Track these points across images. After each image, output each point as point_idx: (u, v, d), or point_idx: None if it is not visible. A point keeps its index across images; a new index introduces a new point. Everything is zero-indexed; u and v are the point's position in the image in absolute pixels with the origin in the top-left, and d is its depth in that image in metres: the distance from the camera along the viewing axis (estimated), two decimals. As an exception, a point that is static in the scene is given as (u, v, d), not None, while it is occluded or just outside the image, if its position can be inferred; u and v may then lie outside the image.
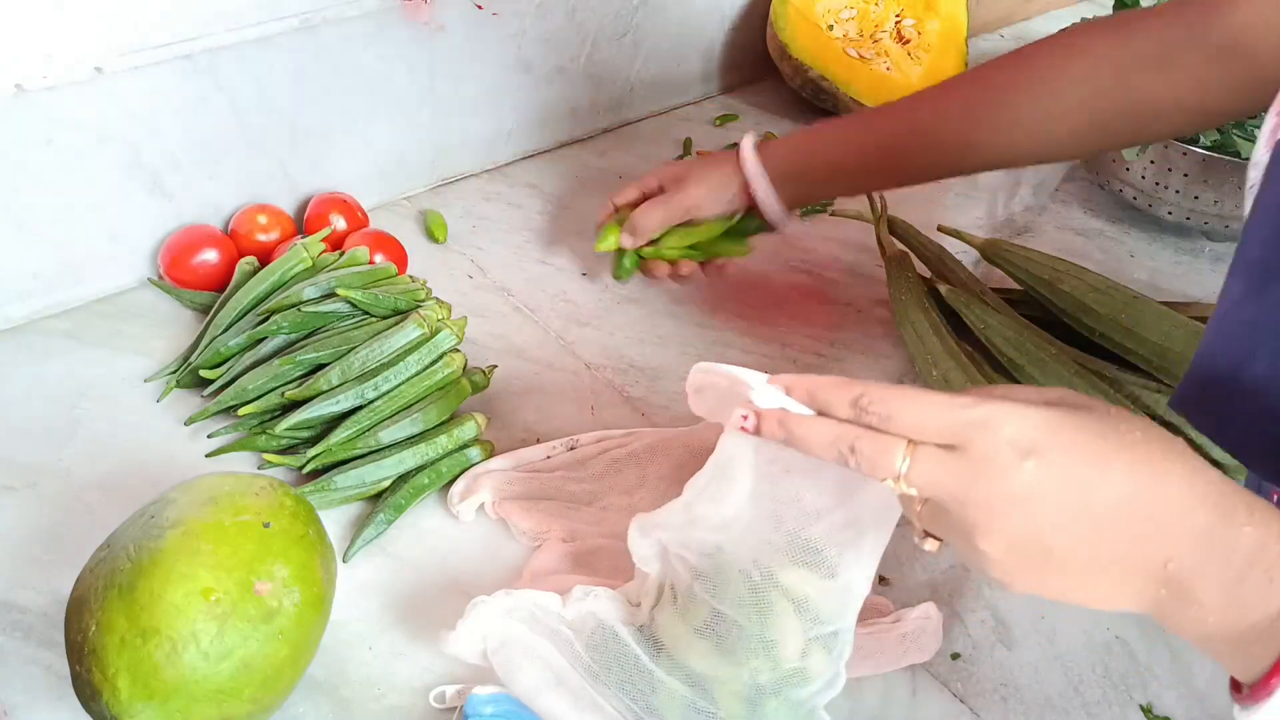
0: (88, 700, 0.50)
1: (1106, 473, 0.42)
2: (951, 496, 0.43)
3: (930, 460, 0.43)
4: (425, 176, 1.01)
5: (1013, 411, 0.42)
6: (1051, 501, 0.42)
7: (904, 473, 0.43)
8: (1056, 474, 0.41)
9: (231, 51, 0.82)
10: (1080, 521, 0.42)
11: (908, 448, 0.44)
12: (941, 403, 0.43)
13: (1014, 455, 0.42)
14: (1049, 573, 0.43)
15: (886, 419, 0.44)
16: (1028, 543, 0.42)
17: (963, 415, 0.43)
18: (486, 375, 0.77)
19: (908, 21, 1.15)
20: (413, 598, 0.65)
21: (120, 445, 0.73)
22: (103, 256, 0.84)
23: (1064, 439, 0.42)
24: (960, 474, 0.42)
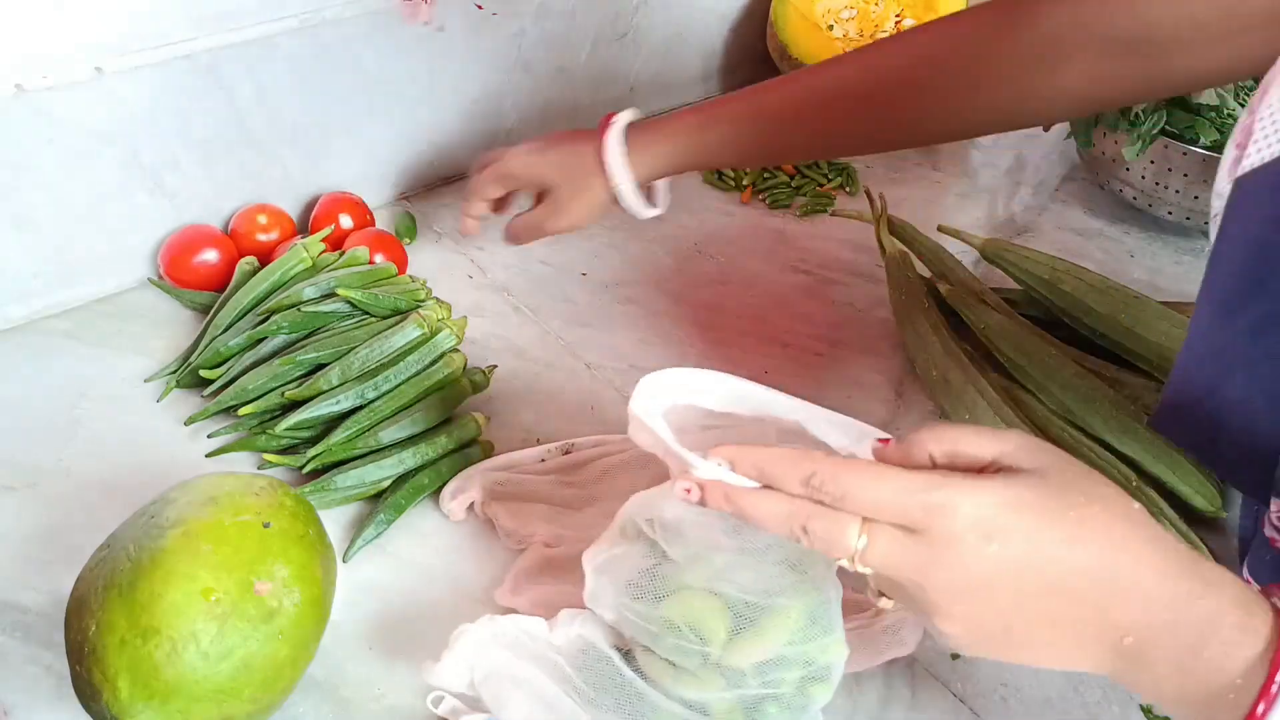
0: (88, 700, 0.50)
1: (1065, 552, 0.41)
2: (908, 579, 0.42)
3: (886, 542, 0.42)
4: (425, 176, 1.01)
5: (971, 494, 0.41)
6: (1011, 583, 0.41)
7: (860, 552, 0.43)
8: (1018, 557, 0.41)
9: (231, 51, 0.82)
10: (1039, 601, 0.42)
11: (863, 526, 0.43)
12: (897, 483, 0.42)
13: (975, 540, 0.41)
14: (1009, 647, 0.43)
15: (840, 499, 0.43)
16: (986, 623, 0.42)
17: (921, 498, 0.42)
18: (486, 375, 0.77)
19: (908, 21, 1.15)
20: (412, 598, 0.65)
21: (120, 445, 0.73)
22: (103, 256, 0.84)
23: (1023, 520, 0.41)
24: (918, 558, 0.42)
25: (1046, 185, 1.10)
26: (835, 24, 1.14)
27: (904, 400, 0.82)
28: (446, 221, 0.98)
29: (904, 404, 0.81)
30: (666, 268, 0.93)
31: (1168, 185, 0.97)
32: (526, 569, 0.65)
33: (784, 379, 0.83)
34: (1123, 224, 1.03)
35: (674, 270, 0.93)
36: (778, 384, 0.81)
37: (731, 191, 1.05)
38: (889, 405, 0.81)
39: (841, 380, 0.83)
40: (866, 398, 0.81)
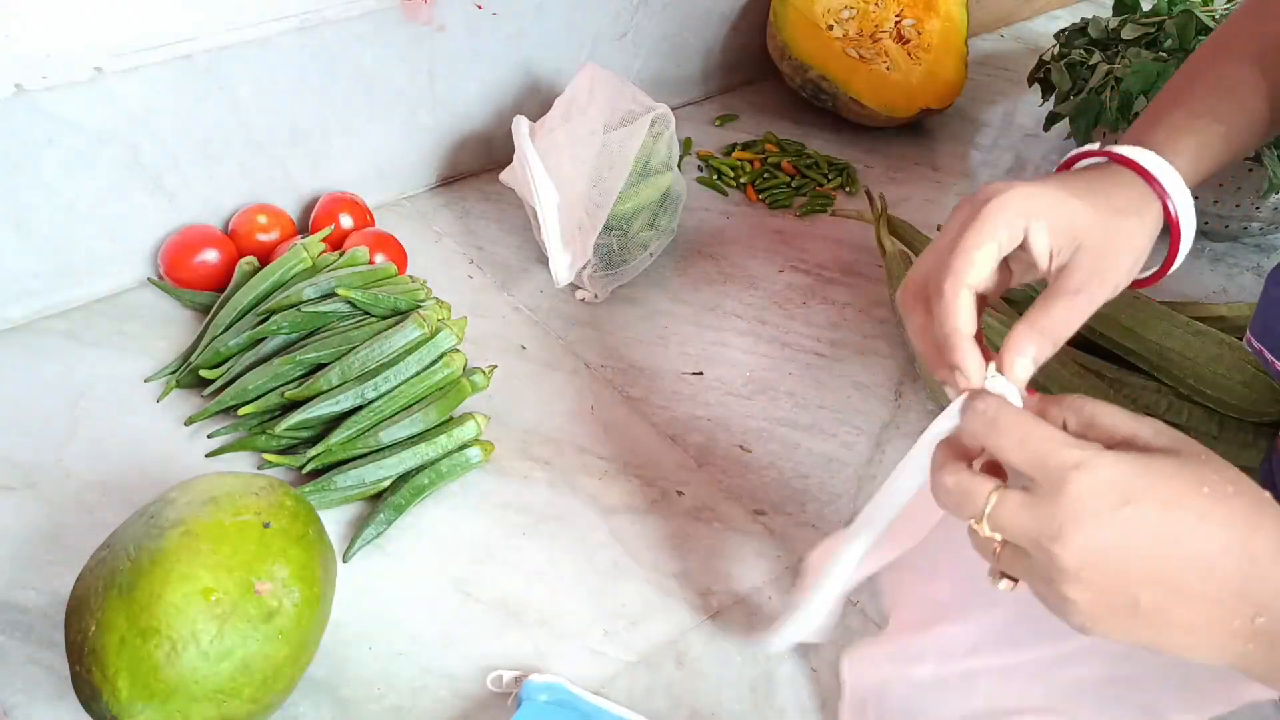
0: (88, 700, 0.50)
1: (1201, 525, 0.41)
2: (1036, 541, 0.42)
3: (1016, 504, 0.43)
4: (425, 176, 1.01)
5: (1109, 458, 0.42)
6: (1144, 551, 0.41)
7: (988, 513, 0.43)
8: (1151, 524, 0.41)
9: (231, 51, 0.82)
10: (1172, 574, 0.41)
11: (995, 489, 0.43)
12: (1046, 431, 0.43)
13: (1110, 501, 0.41)
14: (1134, 623, 0.42)
15: (990, 423, 0.44)
16: (1116, 592, 0.41)
17: (1064, 453, 0.42)
18: (487, 375, 0.77)
19: (908, 21, 1.15)
20: (413, 598, 0.65)
21: (120, 445, 0.73)
22: (103, 256, 0.84)
23: (1161, 489, 0.41)
24: (1046, 519, 0.42)
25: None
26: (835, 24, 1.14)
27: (904, 400, 0.82)
28: (446, 221, 0.98)
29: (904, 404, 0.81)
30: (666, 268, 0.93)
31: (1168, 185, 0.97)
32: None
33: (784, 379, 0.83)
34: (1123, 224, 1.03)
35: (674, 270, 0.93)
36: (778, 384, 0.82)
37: (732, 191, 1.05)
38: (889, 405, 0.81)
39: (841, 380, 0.83)
40: (866, 398, 0.81)
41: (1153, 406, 0.75)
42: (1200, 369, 0.75)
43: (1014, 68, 1.30)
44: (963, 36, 1.16)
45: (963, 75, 1.15)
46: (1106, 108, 0.95)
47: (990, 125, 1.20)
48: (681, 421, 0.78)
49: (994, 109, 1.23)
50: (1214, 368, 0.74)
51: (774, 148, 1.10)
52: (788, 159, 1.08)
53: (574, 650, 0.62)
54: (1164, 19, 0.99)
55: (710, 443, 0.77)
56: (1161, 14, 1.02)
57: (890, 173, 1.09)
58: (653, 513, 0.71)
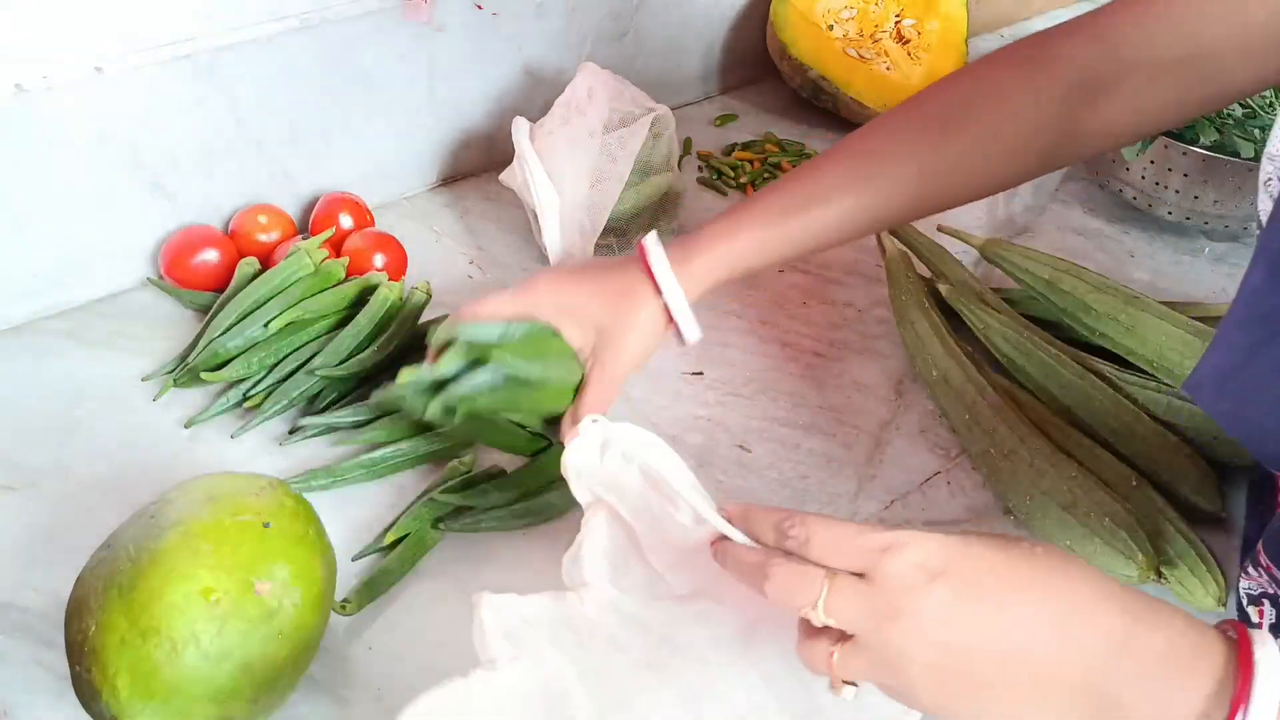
0: (88, 700, 0.50)
1: (1016, 589, 0.43)
2: (868, 625, 0.43)
3: (847, 589, 0.44)
4: (425, 176, 1.01)
5: (916, 538, 0.43)
6: (965, 622, 0.42)
7: (822, 601, 0.44)
8: (967, 595, 0.42)
9: (231, 51, 0.82)
10: (997, 639, 0.42)
11: (826, 576, 0.44)
12: (856, 530, 0.45)
13: (921, 578, 0.42)
14: (979, 696, 0.43)
15: (805, 543, 0.45)
16: (950, 664, 0.42)
17: (870, 540, 0.44)
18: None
19: (908, 21, 1.15)
20: (413, 598, 0.65)
21: (120, 445, 0.73)
22: (103, 256, 0.84)
23: (970, 561, 0.43)
24: (874, 601, 0.43)
25: (1046, 185, 1.10)
26: (835, 24, 1.14)
27: (904, 400, 0.82)
28: (446, 221, 0.98)
29: (904, 404, 0.81)
30: (666, 268, 0.93)
31: (1168, 185, 0.97)
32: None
33: (784, 379, 0.83)
34: (1123, 224, 1.03)
35: (674, 270, 0.93)
36: (778, 384, 0.82)
37: (732, 191, 1.05)
38: (889, 405, 0.81)
39: (841, 380, 0.83)
40: (866, 398, 0.81)
41: (1153, 406, 0.75)
42: (1200, 369, 0.75)
43: (1014, 68, 1.30)
44: (963, 36, 1.16)
45: (963, 75, 1.15)
46: (1106, 108, 0.95)
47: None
48: (681, 421, 0.78)
49: (994, 109, 1.23)
50: (1214, 368, 0.74)
51: (774, 148, 1.10)
52: (788, 159, 1.08)
53: (574, 650, 0.62)
54: (1164, 19, 0.99)
55: (710, 443, 0.77)
56: (1161, 14, 1.02)
57: (890, 173, 1.09)
58: (653, 513, 0.71)
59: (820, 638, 0.45)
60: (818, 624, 0.45)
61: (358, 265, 0.85)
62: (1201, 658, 0.41)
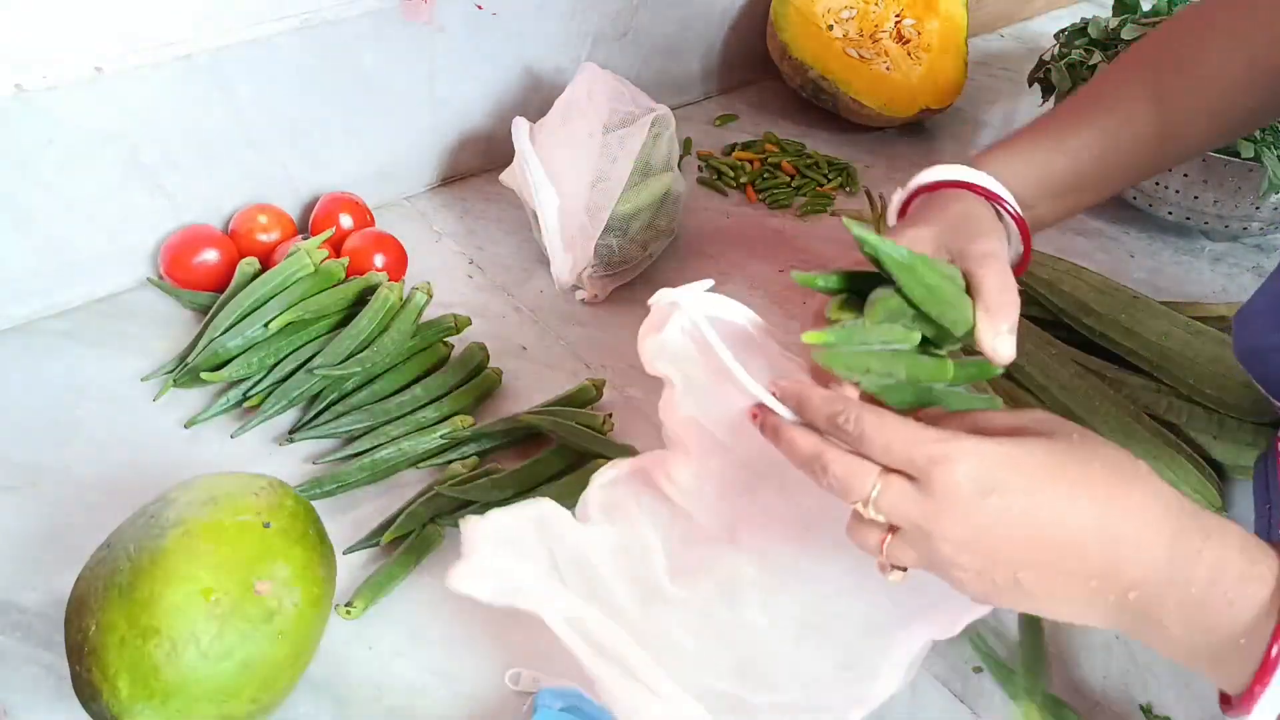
0: (88, 700, 0.50)
1: (1067, 508, 0.43)
2: (917, 528, 0.44)
3: (897, 490, 0.44)
4: (425, 176, 1.01)
5: (973, 449, 0.43)
6: (1014, 537, 0.43)
7: (874, 499, 0.44)
8: (1018, 511, 0.43)
9: (231, 51, 0.82)
10: (1044, 557, 0.43)
11: (880, 474, 0.44)
12: (909, 433, 0.44)
13: (974, 493, 0.43)
14: (1020, 598, 0.44)
15: (859, 439, 0.45)
16: (997, 574, 0.44)
17: (925, 449, 0.44)
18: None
19: (908, 21, 1.15)
20: (413, 597, 0.65)
21: (120, 445, 0.73)
22: (103, 256, 0.84)
23: (1023, 476, 0.43)
24: (924, 507, 0.44)
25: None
26: (835, 24, 1.14)
27: (904, 400, 0.81)
28: (446, 221, 0.98)
29: (904, 404, 0.81)
30: (667, 268, 0.93)
31: (1168, 185, 0.97)
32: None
33: (784, 379, 0.83)
34: (1123, 224, 1.03)
35: (674, 270, 0.93)
36: (778, 384, 0.82)
37: (732, 191, 1.05)
38: (889, 405, 0.81)
39: (841, 380, 0.83)
40: (866, 398, 0.81)
41: (1153, 406, 0.75)
42: (1200, 369, 0.75)
43: (1014, 68, 1.30)
44: (963, 36, 1.16)
45: (963, 75, 1.15)
46: (1106, 108, 0.95)
47: (990, 125, 1.20)
48: (681, 421, 0.78)
49: (994, 109, 1.23)
50: (1214, 368, 0.74)
51: (774, 148, 1.10)
52: (788, 159, 1.08)
53: (574, 650, 0.62)
54: (1163, 19, 0.99)
55: (710, 443, 0.77)
56: (1161, 14, 1.02)
57: (890, 173, 1.09)
58: (653, 513, 0.71)
59: (872, 524, 0.46)
60: (868, 518, 0.46)
61: (358, 265, 0.85)
62: (1252, 578, 0.42)
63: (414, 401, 0.75)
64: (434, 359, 0.79)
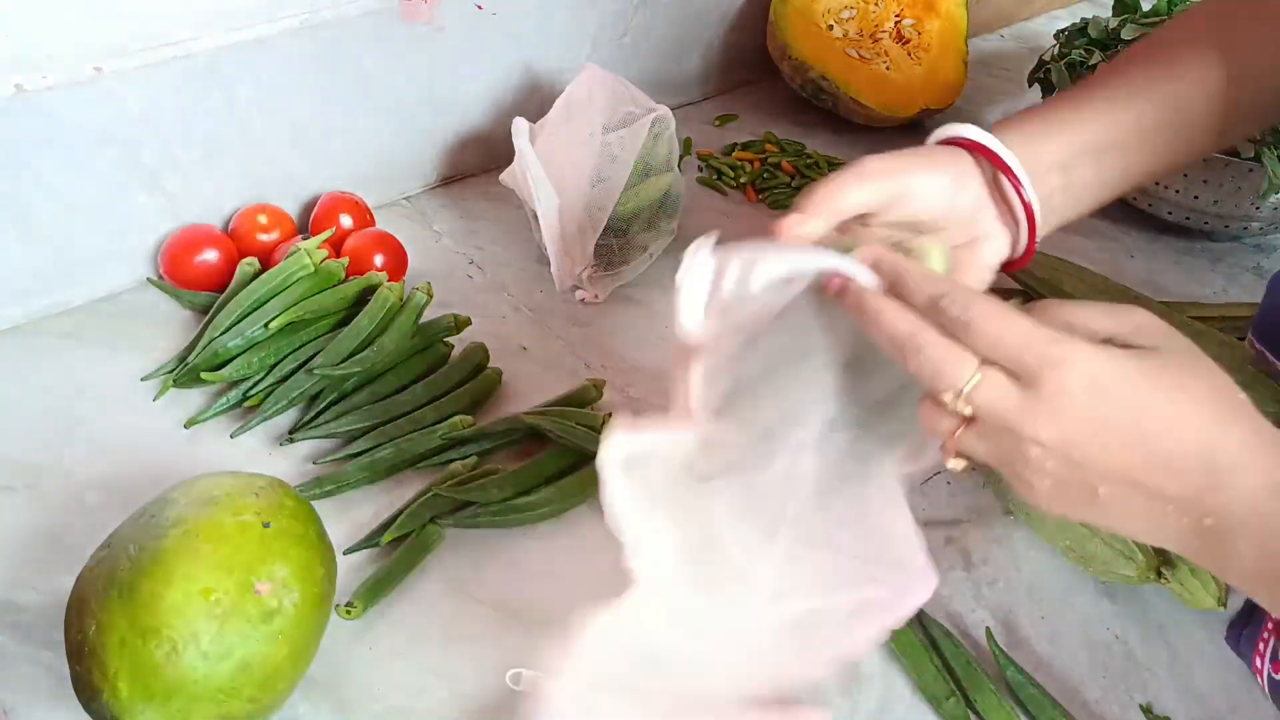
0: (88, 700, 0.50)
1: (1170, 430, 0.42)
2: (1010, 428, 0.43)
3: (998, 386, 0.42)
4: (425, 176, 1.01)
5: (1090, 356, 0.42)
6: (1112, 449, 0.42)
7: (967, 391, 0.43)
8: (1124, 423, 0.42)
9: (231, 51, 0.82)
10: (1134, 473, 0.42)
11: (980, 365, 0.43)
12: (1022, 326, 0.42)
13: (1085, 399, 0.42)
14: (1089, 509, 0.44)
15: (965, 326, 0.43)
16: (1077, 483, 0.43)
17: (1040, 349, 0.42)
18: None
19: (908, 21, 1.15)
20: (413, 598, 0.65)
21: (120, 445, 0.73)
22: (103, 256, 0.84)
23: (1136, 391, 0.42)
24: (1025, 408, 0.42)
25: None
26: (835, 24, 1.14)
27: (904, 400, 0.81)
28: (446, 221, 0.98)
29: (904, 404, 0.81)
30: (666, 268, 0.93)
31: (1168, 185, 0.97)
32: None
33: (784, 379, 0.83)
34: (1123, 224, 1.03)
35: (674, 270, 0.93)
36: (778, 384, 0.82)
37: (732, 191, 1.05)
38: (889, 405, 0.81)
39: (841, 380, 0.83)
40: (866, 398, 0.81)
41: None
42: (1200, 369, 0.75)
43: (1014, 68, 1.30)
44: (963, 36, 1.16)
45: (963, 75, 1.15)
46: (1106, 108, 0.95)
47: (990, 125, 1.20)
48: (681, 421, 0.78)
49: (994, 109, 1.23)
50: (1214, 368, 0.74)
51: (774, 148, 1.10)
52: (788, 159, 1.08)
53: (574, 650, 0.62)
54: (1164, 19, 0.99)
55: (710, 443, 0.77)
56: (1161, 14, 1.02)
57: (890, 173, 1.09)
58: (653, 513, 0.71)
59: (949, 412, 0.44)
60: (951, 408, 0.44)
61: (358, 265, 0.85)
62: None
63: (414, 401, 0.75)
64: (434, 359, 0.79)
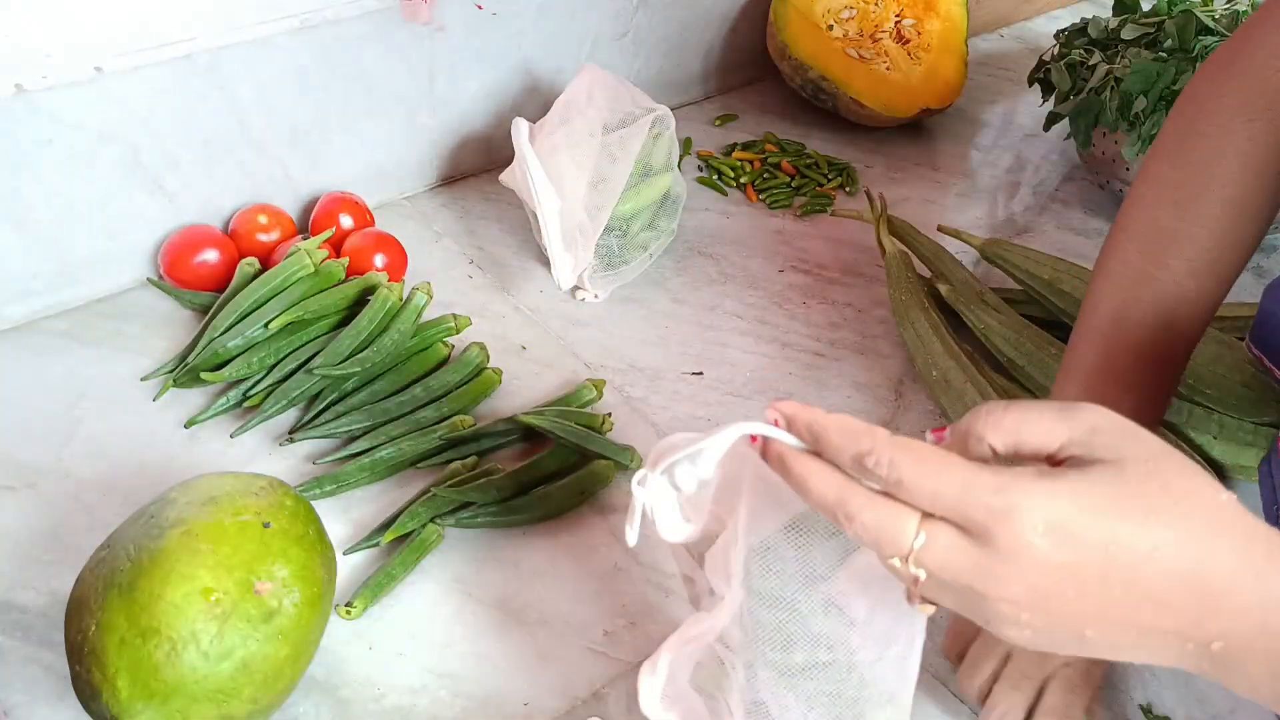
0: (88, 700, 0.50)
1: (1148, 557, 0.37)
2: (969, 587, 0.38)
3: (947, 544, 0.38)
4: (425, 176, 1.01)
5: (1041, 497, 0.37)
6: (1087, 595, 0.37)
7: (915, 552, 0.38)
8: (1094, 564, 0.37)
9: (231, 51, 0.82)
10: (1117, 611, 0.38)
11: (921, 522, 0.38)
12: (960, 476, 0.38)
13: (1046, 549, 0.37)
14: (1080, 648, 0.39)
15: (896, 484, 0.38)
16: (1059, 630, 0.38)
17: (986, 500, 0.37)
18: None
19: (907, 21, 1.15)
20: (412, 597, 0.65)
21: (120, 445, 0.73)
22: (103, 256, 0.84)
23: (1102, 524, 0.37)
24: (982, 565, 0.37)
25: (1046, 185, 1.10)
26: (835, 24, 1.14)
27: (904, 400, 0.82)
28: (446, 221, 0.98)
29: (904, 404, 0.81)
30: (667, 268, 0.93)
31: (1168, 185, 0.97)
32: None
33: (784, 379, 0.83)
34: (1123, 224, 1.03)
35: (674, 270, 0.93)
36: (778, 384, 0.82)
37: (732, 191, 1.05)
38: (889, 405, 0.81)
39: (841, 380, 0.83)
40: (866, 398, 0.81)
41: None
42: (1200, 369, 0.75)
43: (1014, 68, 1.30)
44: (963, 36, 1.16)
45: (963, 75, 1.15)
46: (1106, 108, 0.95)
47: (990, 125, 1.20)
48: (682, 421, 0.78)
49: (994, 109, 1.23)
50: (1214, 368, 0.74)
51: (774, 148, 1.10)
52: (788, 159, 1.08)
53: (574, 650, 0.62)
54: (1164, 19, 0.99)
55: (710, 443, 0.77)
56: (1161, 14, 1.02)
57: (890, 173, 1.09)
58: (653, 513, 0.71)
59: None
60: (905, 578, 0.39)
61: (358, 265, 0.85)
62: None
63: (414, 401, 0.75)
64: (434, 359, 0.79)
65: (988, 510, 0.37)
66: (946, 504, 0.38)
